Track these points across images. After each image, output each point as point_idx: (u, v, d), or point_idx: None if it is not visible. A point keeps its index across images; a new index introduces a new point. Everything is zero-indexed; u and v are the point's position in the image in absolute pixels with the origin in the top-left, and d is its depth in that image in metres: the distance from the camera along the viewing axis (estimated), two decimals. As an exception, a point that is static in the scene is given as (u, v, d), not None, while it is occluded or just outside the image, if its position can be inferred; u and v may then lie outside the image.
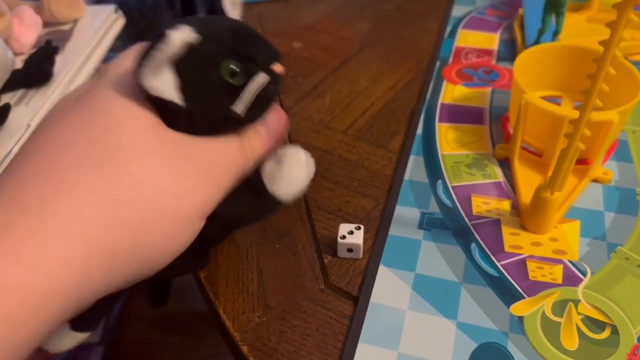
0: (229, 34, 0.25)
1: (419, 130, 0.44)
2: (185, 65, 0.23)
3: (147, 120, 0.24)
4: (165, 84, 0.23)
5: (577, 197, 0.37)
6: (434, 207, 0.37)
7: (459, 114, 0.45)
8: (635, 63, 0.50)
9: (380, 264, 0.34)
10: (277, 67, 0.26)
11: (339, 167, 0.42)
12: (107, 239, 0.22)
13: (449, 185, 0.38)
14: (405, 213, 0.37)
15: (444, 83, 0.48)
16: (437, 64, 0.51)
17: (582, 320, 0.30)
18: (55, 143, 0.23)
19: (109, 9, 0.59)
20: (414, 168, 0.40)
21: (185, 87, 0.24)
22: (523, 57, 0.40)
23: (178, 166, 0.24)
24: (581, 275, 0.32)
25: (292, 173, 0.28)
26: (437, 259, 0.34)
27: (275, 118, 0.29)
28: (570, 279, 0.32)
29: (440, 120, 0.44)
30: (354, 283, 0.33)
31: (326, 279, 0.33)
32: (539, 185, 0.33)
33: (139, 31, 1.34)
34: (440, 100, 0.46)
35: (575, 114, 0.29)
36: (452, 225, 0.36)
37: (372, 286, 0.32)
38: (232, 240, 0.36)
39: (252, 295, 0.33)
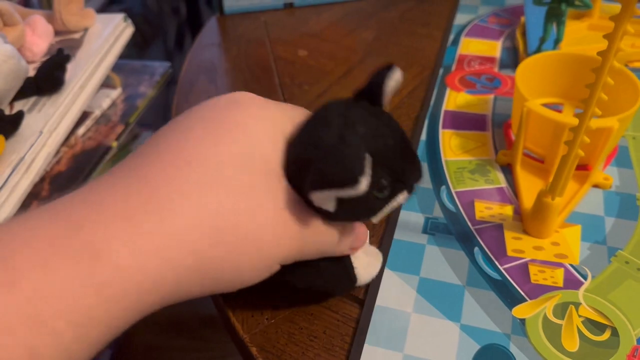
0: (391, 151, 0.25)
1: (423, 136, 0.44)
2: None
3: (277, 166, 0.25)
4: (329, 205, 0.24)
5: (578, 202, 0.38)
6: (437, 212, 0.38)
7: (462, 121, 0.46)
8: (635, 70, 0.51)
9: (386, 267, 0.34)
10: (418, 182, 0.27)
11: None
12: (208, 252, 0.23)
13: (453, 190, 0.39)
14: (410, 218, 0.38)
15: (447, 90, 0.49)
16: (441, 71, 0.52)
17: (582, 322, 0.31)
18: (189, 147, 0.24)
19: (119, 17, 0.61)
20: (418, 174, 0.41)
21: (342, 203, 0.24)
22: (525, 65, 0.41)
23: (286, 215, 0.25)
24: (582, 279, 0.33)
25: (373, 268, 0.32)
26: (441, 263, 0.34)
27: (364, 230, 0.32)
28: (572, 283, 0.33)
29: (444, 127, 0.45)
30: (360, 286, 0.34)
31: (333, 283, 0.34)
32: (540, 190, 0.34)
33: (144, 38, 1.35)
34: (443, 107, 0.47)
35: (575, 121, 0.30)
36: (456, 230, 0.37)
37: (378, 289, 0.33)
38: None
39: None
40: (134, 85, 0.64)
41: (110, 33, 0.59)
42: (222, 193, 0.23)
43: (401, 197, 0.26)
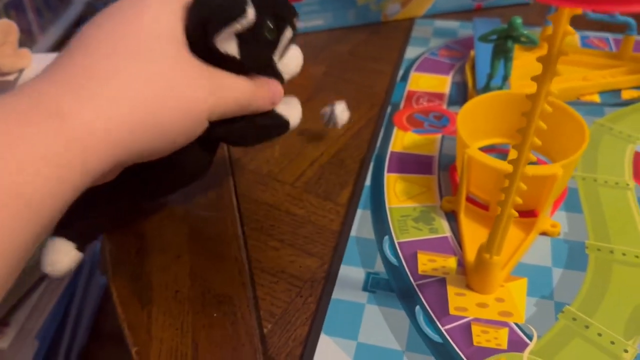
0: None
1: (368, 181, 0.43)
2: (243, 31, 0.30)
3: (179, 42, 0.29)
4: (232, 48, 0.30)
5: (525, 252, 0.36)
6: (379, 267, 0.36)
7: (408, 164, 0.44)
8: (587, 104, 0.50)
9: (322, 332, 0.32)
10: (296, 20, 0.33)
11: (286, 222, 0.40)
12: (149, 106, 0.27)
13: (396, 241, 0.37)
14: (351, 273, 0.36)
15: (395, 130, 0.48)
16: (389, 109, 0.51)
17: (527, 390, 0.29)
18: (105, 39, 0.28)
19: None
20: (361, 223, 0.39)
21: (242, 46, 0.30)
22: (468, 108, 0.40)
23: (201, 73, 0.30)
24: (527, 340, 0.31)
25: (297, 110, 0.38)
26: (380, 325, 0.32)
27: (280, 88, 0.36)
28: (516, 344, 0.31)
29: (389, 171, 0.43)
30: (293, 355, 0.32)
31: (265, 352, 0.32)
32: (480, 245, 0.32)
33: None
34: (390, 149, 0.46)
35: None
36: (398, 286, 0.34)
37: (312, 359, 0.31)
38: (168, 309, 0.34)
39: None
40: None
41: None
42: (146, 66, 0.28)
43: (287, 33, 0.32)
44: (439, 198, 0.40)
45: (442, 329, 0.32)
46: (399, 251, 0.37)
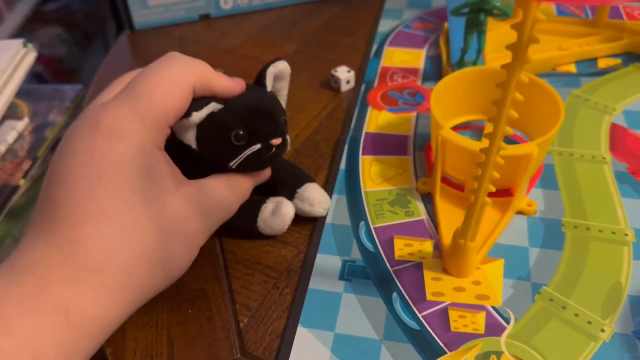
0: (245, 109, 0.32)
1: (343, 164, 0.42)
2: (205, 126, 0.32)
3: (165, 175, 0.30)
4: (189, 135, 0.32)
5: (501, 233, 0.36)
6: (355, 254, 0.35)
7: (383, 145, 0.43)
8: (564, 74, 0.50)
9: (299, 325, 0.32)
10: (275, 141, 0.33)
11: (260, 211, 0.39)
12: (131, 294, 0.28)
13: (372, 226, 0.37)
14: (327, 262, 0.35)
15: (369, 109, 0.47)
16: (362, 87, 0.49)
17: (504, 375, 0.29)
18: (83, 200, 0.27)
19: (17, 43, 0.56)
20: (337, 209, 0.38)
21: (200, 138, 0.32)
22: (441, 87, 0.39)
23: (190, 223, 0.30)
24: (504, 323, 0.31)
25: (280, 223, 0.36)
26: (357, 314, 0.32)
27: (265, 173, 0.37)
28: (493, 328, 0.31)
29: (364, 153, 0.42)
30: (271, 349, 0.31)
31: (242, 346, 0.31)
32: (456, 230, 0.32)
33: (86, 36, 1.28)
34: (364, 129, 0.45)
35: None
36: (374, 273, 0.34)
37: (290, 352, 0.30)
38: (142, 308, 0.33)
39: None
40: (43, 113, 0.59)
41: (8, 61, 0.54)
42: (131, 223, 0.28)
43: (255, 147, 0.33)
44: (415, 180, 0.40)
45: (419, 316, 0.32)
46: (375, 237, 0.36)
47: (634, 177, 0.39)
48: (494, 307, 0.32)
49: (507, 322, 0.31)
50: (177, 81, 0.30)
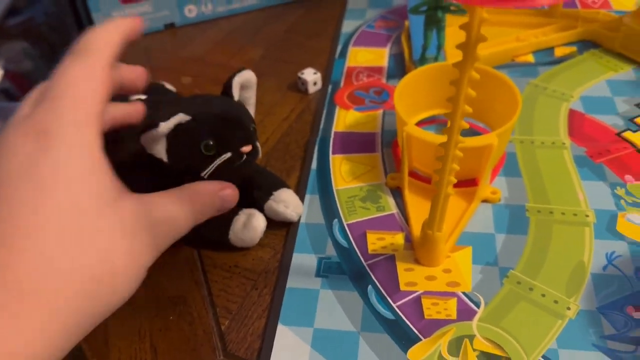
0: (213, 119, 0.33)
1: (314, 165, 0.43)
2: (174, 137, 0.33)
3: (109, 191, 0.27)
4: (159, 148, 0.33)
5: (468, 221, 0.37)
6: (330, 251, 0.36)
7: (351, 143, 0.44)
8: (522, 65, 0.52)
9: (279, 323, 0.33)
10: (245, 148, 0.34)
11: (235, 215, 0.40)
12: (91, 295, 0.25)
13: (345, 223, 0.38)
14: (303, 261, 0.36)
15: (337, 109, 0.48)
16: (329, 88, 0.51)
17: (477, 357, 0.30)
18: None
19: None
20: (310, 208, 0.39)
21: (170, 151, 0.33)
22: (403, 85, 0.40)
23: (134, 239, 0.27)
24: (475, 307, 0.32)
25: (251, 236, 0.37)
26: (335, 309, 0.33)
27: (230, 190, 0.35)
28: (465, 313, 0.32)
29: (334, 152, 0.44)
30: (253, 348, 0.32)
31: (224, 348, 0.32)
32: (423, 222, 0.33)
33: (51, 48, 1.27)
34: (333, 129, 0.46)
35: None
36: (349, 268, 0.35)
37: (271, 350, 0.31)
38: (124, 317, 0.34)
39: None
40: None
41: (-26, 81, 0.54)
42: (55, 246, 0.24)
43: (225, 156, 0.33)
44: (384, 175, 0.41)
45: (394, 306, 0.33)
46: (348, 233, 0.37)
47: (592, 160, 0.41)
48: (464, 293, 0.33)
49: (478, 307, 0.32)
50: (89, 70, 0.27)
